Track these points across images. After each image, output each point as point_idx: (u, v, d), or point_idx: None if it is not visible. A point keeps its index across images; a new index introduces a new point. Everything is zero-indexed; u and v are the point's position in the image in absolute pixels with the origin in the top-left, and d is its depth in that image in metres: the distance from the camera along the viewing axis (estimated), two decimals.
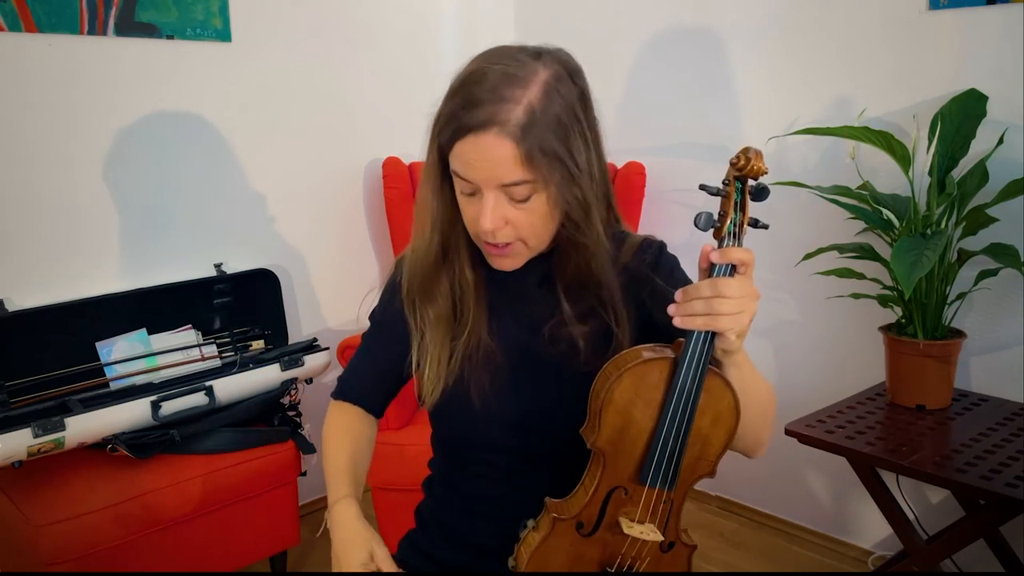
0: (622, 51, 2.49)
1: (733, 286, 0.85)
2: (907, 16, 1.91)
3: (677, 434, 0.90)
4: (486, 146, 0.89)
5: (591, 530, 0.95)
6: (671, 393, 0.88)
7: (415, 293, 1.05)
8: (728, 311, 0.85)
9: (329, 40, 2.40)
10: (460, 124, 0.90)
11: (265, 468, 1.92)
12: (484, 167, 0.90)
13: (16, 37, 1.84)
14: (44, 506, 1.64)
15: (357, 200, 2.55)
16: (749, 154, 0.88)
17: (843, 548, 2.22)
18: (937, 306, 1.75)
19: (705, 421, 0.91)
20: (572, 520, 0.94)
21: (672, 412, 0.89)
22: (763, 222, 0.90)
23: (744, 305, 0.86)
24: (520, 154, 0.89)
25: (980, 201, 1.70)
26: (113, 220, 2.05)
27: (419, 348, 1.05)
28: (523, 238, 0.96)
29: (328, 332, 2.42)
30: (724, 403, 0.91)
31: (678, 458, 0.91)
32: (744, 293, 0.86)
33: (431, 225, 1.01)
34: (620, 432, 0.91)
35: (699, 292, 0.86)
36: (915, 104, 1.91)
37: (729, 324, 0.85)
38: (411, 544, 1.18)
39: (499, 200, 0.92)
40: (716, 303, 0.85)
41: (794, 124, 2.11)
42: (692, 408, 0.89)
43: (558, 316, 1.02)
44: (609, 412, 0.90)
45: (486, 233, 0.93)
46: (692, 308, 0.86)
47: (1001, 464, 1.51)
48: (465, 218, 0.97)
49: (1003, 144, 1.73)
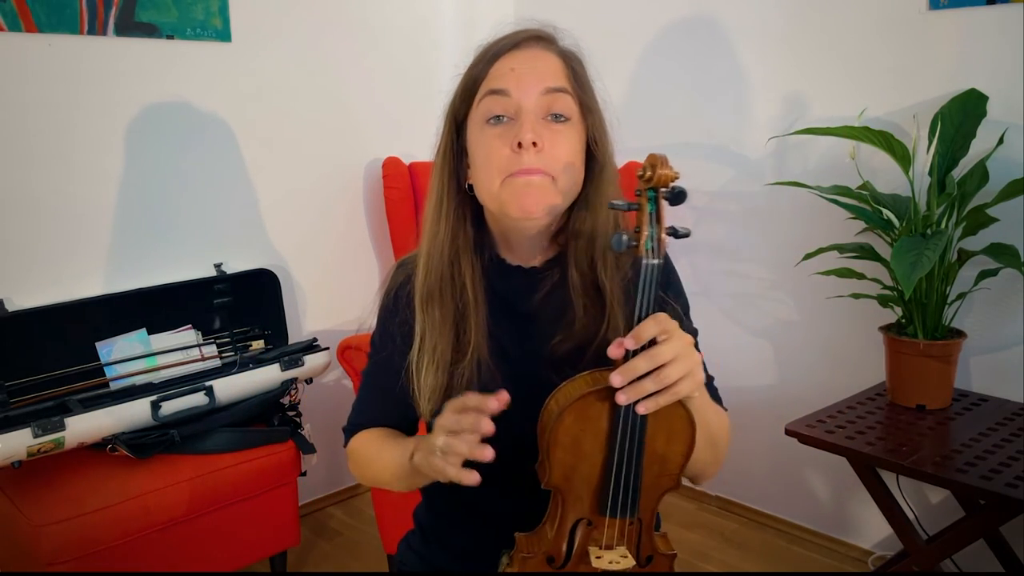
0: (622, 51, 2.49)
1: (667, 349, 0.80)
2: (907, 16, 1.91)
3: (630, 462, 0.86)
4: (534, 55, 0.92)
5: (563, 563, 0.92)
6: (616, 423, 0.84)
7: (424, 288, 1.01)
8: (679, 374, 0.80)
9: (329, 40, 2.40)
10: (496, 51, 0.92)
11: (265, 468, 1.92)
12: (529, 71, 0.91)
13: (16, 37, 1.84)
14: (44, 506, 1.64)
15: (357, 200, 2.55)
16: (654, 162, 0.81)
17: (843, 548, 2.22)
18: (937, 306, 1.75)
19: (659, 442, 0.87)
20: (542, 556, 0.92)
21: (621, 442, 0.84)
22: (683, 230, 0.84)
23: (689, 361, 0.81)
24: (565, 69, 0.92)
25: (980, 201, 1.70)
26: (113, 220, 2.05)
27: (420, 352, 1.01)
28: (555, 171, 0.93)
29: (328, 332, 2.42)
30: (676, 419, 0.86)
31: (635, 485, 0.87)
32: (680, 350, 0.81)
33: (444, 214, 0.99)
34: (572, 468, 0.87)
35: (637, 371, 0.80)
36: (915, 104, 1.91)
37: (689, 387, 0.81)
38: (409, 547, 1.17)
39: (537, 116, 0.92)
40: (664, 375, 0.80)
41: (794, 124, 2.11)
42: (641, 434, 0.84)
43: (560, 334, 0.99)
44: (557, 451, 0.86)
45: (525, 147, 0.90)
46: (643, 389, 0.80)
47: (1001, 464, 1.51)
48: (491, 155, 0.93)
49: (1003, 144, 1.73)
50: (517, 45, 0.93)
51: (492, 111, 0.94)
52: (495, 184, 0.94)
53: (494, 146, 0.93)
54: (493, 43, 0.96)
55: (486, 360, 0.99)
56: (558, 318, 1.01)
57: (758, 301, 2.28)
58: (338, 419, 1.14)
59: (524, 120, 0.92)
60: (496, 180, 0.93)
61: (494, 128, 0.94)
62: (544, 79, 0.92)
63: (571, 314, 1.00)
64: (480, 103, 0.94)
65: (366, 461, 1.07)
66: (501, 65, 0.93)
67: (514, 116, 0.93)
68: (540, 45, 0.94)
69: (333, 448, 2.33)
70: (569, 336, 0.99)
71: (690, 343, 0.82)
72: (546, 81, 0.92)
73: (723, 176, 2.32)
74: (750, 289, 2.30)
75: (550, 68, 0.93)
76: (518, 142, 0.91)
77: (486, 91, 0.94)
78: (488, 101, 0.93)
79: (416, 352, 1.01)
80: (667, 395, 0.81)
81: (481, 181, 0.96)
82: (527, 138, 0.90)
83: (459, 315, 1.00)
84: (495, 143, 0.93)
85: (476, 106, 0.95)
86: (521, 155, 0.91)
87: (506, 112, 0.93)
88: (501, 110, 0.93)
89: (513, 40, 0.94)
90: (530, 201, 0.93)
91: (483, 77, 0.94)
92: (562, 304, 1.01)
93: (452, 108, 0.99)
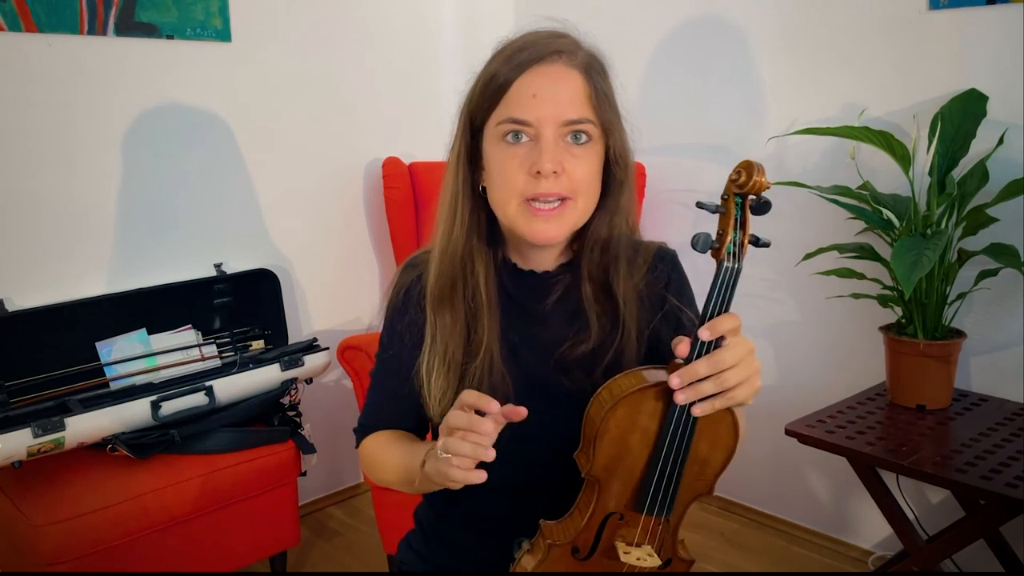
0: (622, 52, 2.47)
1: (730, 354, 0.80)
2: (907, 16, 1.91)
3: (675, 462, 0.87)
4: (556, 75, 0.89)
5: (587, 555, 0.93)
6: (668, 421, 0.85)
7: (436, 289, 1.00)
8: (738, 379, 0.80)
9: (329, 40, 2.40)
10: (520, 62, 0.89)
11: (265, 468, 1.92)
12: (551, 98, 0.89)
13: (16, 37, 1.84)
14: (44, 506, 1.64)
15: (357, 200, 2.55)
16: (751, 170, 0.82)
17: (843, 548, 2.22)
18: (937, 306, 1.75)
19: (703, 446, 0.88)
20: (567, 545, 0.92)
21: (670, 441, 0.85)
22: (764, 239, 0.85)
23: (749, 368, 0.81)
24: (588, 90, 0.90)
25: (980, 201, 1.70)
26: (113, 220, 2.05)
27: (430, 354, 1.00)
28: (574, 193, 0.92)
29: (328, 332, 2.42)
30: (723, 425, 0.87)
31: (676, 485, 0.88)
32: (741, 355, 0.81)
33: (459, 216, 0.98)
34: (616, 460, 0.88)
35: (697, 374, 0.80)
36: (915, 104, 1.91)
37: (746, 393, 0.81)
38: (409, 547, 1.17)
39: (557, 142, 0.90)
40: (723, 379, 0.80)
41: (794, 124, 2.11)
42: (690, 436, 0.85)
43: (571, 338, 0.99)
44: (604, 441, 0.87)
45: (544, 175, 0.89)
46: (702, 391, 0.80)
47: (1001, 464, 1.51)
48: (508, 178, 0.92)
49: (1003, 144, 1.73)
50: (540, 60, 0.90)
51: (510, 130, 0.92)
52: (511, 205, 0.93)
53: (511, 168, 0.92)
54: (515, 48, 0.93)
55: (497, 361, 0.98)
56: (570, 322, 1.01)
57: (758, 301, 2.28)
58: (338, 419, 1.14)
59: (544, 147, 0.90)
60: (512, 202, 0.93)
61: (512, 147, 0.92)
62: (565, 110, 0.90)
63: (583, 319, 1.00)
64: (499, 125, 0.93)
65: (378, 464, 1.06)
66: (523, 85, 0.90)
67: (533, 138, 0.91)
68: (563, 61, 0.91)
69: (333, 448, 2.33)
70: (580, 340, 0.99)
71: (751, 350, 0.82)
72: (568, 112, 0.90)
73: (723, 176, 2.30)
74: (750, 289, 2.30)
75: (572, 93, 0.91)
76: (537, 170, 0.90)
77: (505, 115, 0.91)
78: (507, 126, 0.92)
79: (426, 353, 1.01)
80: (723, 399, 0.81)
81: (497, 197, 0.95)
82: (547, 168, 0.89)
83: (471, 315, 1.00)
84: (512, 164, 0.92)
85: (495, 124, 0.93)
86: (539, 181, 0.90)
87: (529, 132, 0.91)
88: (524, 131, 0.91)
89: (536, 54, 0.91)
90: (551, 228, 0.93)
91: (504, 90, 0.91)
92: (574, 308, 1.01)
93: (469, 109, 0.96)
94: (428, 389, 1.00)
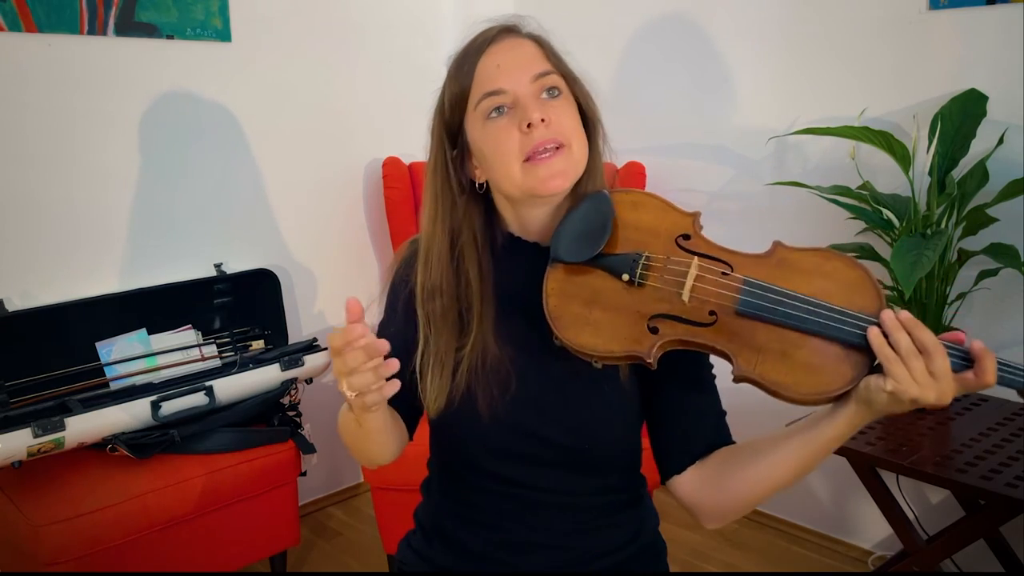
0: (623, 52, 2.49)
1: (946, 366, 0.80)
2: (907, 16, 1.91)
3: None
4: (510, 46, 0.97)
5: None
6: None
7: (425, 293, 1.01)
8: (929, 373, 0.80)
9: (330, 40, 2.40)
10: (474, 50, 0.96)
11: (265, 468, 1.92)
12: (514, 64, 0.95)
13: (16, 37, 1.84)
14: (44, 506, 1.64)
15: (357, 200, 2.55)
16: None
17: (843, 548, 2.22)
18: (937, 306, 1.75)
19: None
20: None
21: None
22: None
23: (943, 385, 0.80)
24: (543, 51, 0.98)
25: (980, 201, 1.70)
26: (113, 220, 2.05)
27: (424, 351, 1.01)
28: (566, 139, 0.96)
29: (328, 332, 2.42)
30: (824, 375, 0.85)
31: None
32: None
33: (440, 218, 1.01)
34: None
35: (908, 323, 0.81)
36: (915, 104, 1.91)
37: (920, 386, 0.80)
38: (410, 547, 1.17)
39: (535, 96, 0.96)
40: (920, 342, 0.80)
41: (794, 124, 2.11)
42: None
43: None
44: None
45: (535, 125, 0.93)
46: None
47: (1001, 464, 1.51)
48: (503, 146, 0.96)
49: (1003, 144, 1.73)
50: (491, 41, 0.97)
51: (491, 107, 0.96)
52: (514, 170, 0.96)
53: (503, 135, 0.95)
54: (466, 48, 0.99)
55: (493, 349, 0.99)
56: None
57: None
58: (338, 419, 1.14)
59: (526, 103, 0.95)
60: (514, 166, 0.95)
61: (497, 120, 0.96)
62: (530, 66, 0.96)
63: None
64: (477, 106, 0.97)
65: (343, 430, 1.04)
66: (485, 65, 0.96)
67: (512, 105, 0.96)
68: (512, 35, 0.99)
69: (333, 448, 2.33)
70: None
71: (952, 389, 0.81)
72: (532, 68, 0.96)
73: (723, 176, 2.31)
74: None
75: (530, 54, 0.98)
76: (527, 123, 0.94)
77: (480, 94, 0.96)
78: (485, 103, 0.96)
79: (420, 356, 1.01)
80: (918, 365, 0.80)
81: (498, 172, 0.97)
82: (535, 117, 0.93)
83: (463, 309, 1.01)
84: (503, 132, 0.95)
85: (473, 110, 0.98)
86: (532, 133, 0.94)
87: (504, 104, 0.96)
88: (501, 99, 0.96)
89: (486, 37, 0.98)
90: (556, 174, 0.96)
91: (470, 83, 0.97)
92: None
93: (442, 120, 1.01)
94: (424, 390, 1.01)
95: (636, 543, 1.09)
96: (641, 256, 0.91)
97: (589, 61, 1.04)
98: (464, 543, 1.09)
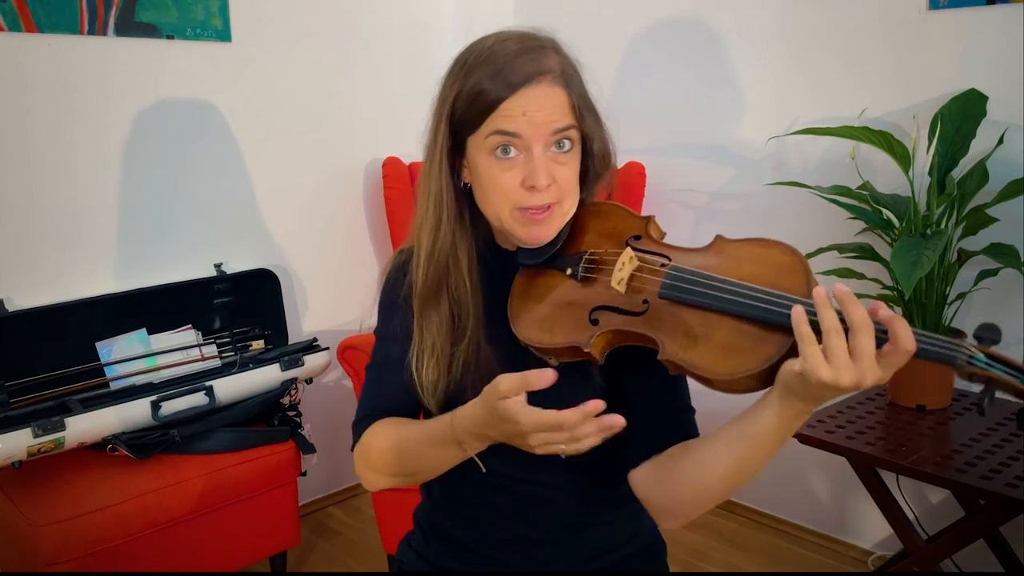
0: (623, 52, 2.49)
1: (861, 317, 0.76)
2: (907, 16, 1.91)
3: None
4: (542, 94, 0.92)
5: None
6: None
7: (423, 291, 1.02)
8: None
9: (330, 40, 2.40)
10: (509, 83, 0.92)
11: (265, 468, 1.92)
12: (540, 114, 0.92)
13: (16, 37, 1.84)
14: (44, 506, 1.64)
15: (357, 200, 2.55)
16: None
17: (843, 548, 2.22)
18: (937, 306, 1.75)
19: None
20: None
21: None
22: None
23: (863, 365, 0.76)
24: (571, 100, 0.95)
25: (980, 201, 1.70)
26: (113, 220, 2.05)
27: (419, 348, 1.02)
28: (561, 198, 0.96)
29: (328, 332, 2.42)
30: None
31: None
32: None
33: (445, 216, 1.00)
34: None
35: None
36: (915, 104, 1.91)
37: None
38: (409, 547, 1.17)
39: (547, 148, 0.94)
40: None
41: (794, 124, 2.11)
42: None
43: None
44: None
45: (539, 188, 0.93)
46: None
47: (1001, 464, 1.51)
48: (502, 191, 0.95)
49: (1003, 144, 1.73)
50: (528, 82, 0.92)
51: (501, 143, 0.94)
52: (504, 213, 0.97)
53: (504, 178, 0.95)
54: (499, 63, 0.94)
55: (484, 345, 1.01)
56: None
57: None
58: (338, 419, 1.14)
59: (536, 162, 0.93)
60: (505, 209, 0.96)
61: (502, 162, 0.94)
62: (554, 120, 0.93)
63: None
64: (488, 138, 0.94)
65: (384, 448, 1.03)
66: (511, 105, 0.92)
67: (523, 150, 0.94)
68: (548, 80, 0.93)
69: (333, 448, 2.33)
70: None
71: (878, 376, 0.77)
72: (556, 122, 0.93)
73: (723, 176, 2.31)
74: None
75: (559, 106, 0.94)
76: (531, 184, 0.93)
77: (495, 129, 0.93)
78: (497, 138, 0.94)
79: (415, 349, 1.02)
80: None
81: (488, 204, 0.98)
82: (541, 183, 0.93)
83: (455, 304, 1.02)
84: (505, 176, 0.94)
85: (483, 136, 0.95)
86: (533, 194, 0.94)
87: (515, 147, 0.94)
88: (513, 146, 0.94)
89: (525, 76, 0.92)
90: (542, 230, 0.97)
91: (494, 108, 0.93)
92: None
93: (450, 117, 0.97)
94: (419, 383, 1.02)
95: (634, 542, 1.10)
96: (585, 253, 0.98)
97: (589, 61, 1.03)
98: (461, 541, 1.09)
